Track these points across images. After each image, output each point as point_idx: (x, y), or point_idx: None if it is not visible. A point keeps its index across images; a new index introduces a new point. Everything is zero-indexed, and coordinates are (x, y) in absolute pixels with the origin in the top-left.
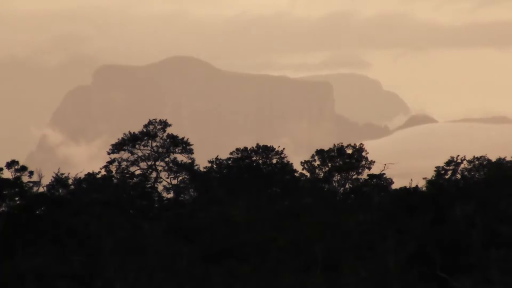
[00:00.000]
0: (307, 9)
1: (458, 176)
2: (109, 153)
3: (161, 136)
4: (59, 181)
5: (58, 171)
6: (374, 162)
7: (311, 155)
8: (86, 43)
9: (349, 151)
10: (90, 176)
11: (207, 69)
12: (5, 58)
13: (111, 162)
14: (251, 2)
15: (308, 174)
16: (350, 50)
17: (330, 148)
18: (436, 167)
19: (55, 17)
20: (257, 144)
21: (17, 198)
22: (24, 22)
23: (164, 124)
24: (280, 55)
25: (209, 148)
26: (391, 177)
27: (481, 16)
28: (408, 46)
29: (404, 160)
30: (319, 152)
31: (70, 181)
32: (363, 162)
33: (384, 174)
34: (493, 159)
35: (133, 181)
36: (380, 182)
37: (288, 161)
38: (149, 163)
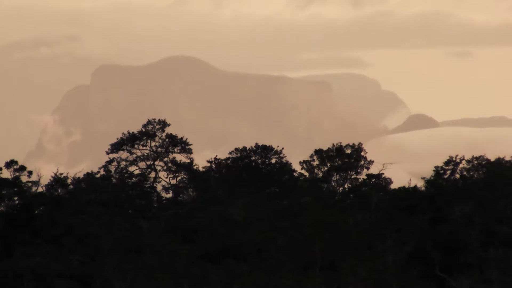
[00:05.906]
0: (306, 10)
1: (457, 176)
2: (108, 153)
3: (160, 135)
4: (58, 180)
5: (57, 171)
6: (373, 161)
7: (310, 155)
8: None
9: (348, 150)
10: (89, 175)
11: (206, 68)
12: (3, 58)
13: (110, 161)
14: (250, 3)
15: (307, 174)
16: (349, 50)
17: (329, 148)
18: (435, 167)
19: (54, 16)
20: (256, 144)
21: (16, 198)
22: (23, 21)
23: (163, 124)
24: (279, 55)
25: (208, 147)
26: (390, 177)
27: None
28: (408, 46)
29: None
30: (318, 152)
31: (69, 181)
32: (362, 162)
33: (383, 173)
34: (492, 159)
35: (132, 180)
36: (379, 181)
37: (287, 161)
38: (148, 162)
